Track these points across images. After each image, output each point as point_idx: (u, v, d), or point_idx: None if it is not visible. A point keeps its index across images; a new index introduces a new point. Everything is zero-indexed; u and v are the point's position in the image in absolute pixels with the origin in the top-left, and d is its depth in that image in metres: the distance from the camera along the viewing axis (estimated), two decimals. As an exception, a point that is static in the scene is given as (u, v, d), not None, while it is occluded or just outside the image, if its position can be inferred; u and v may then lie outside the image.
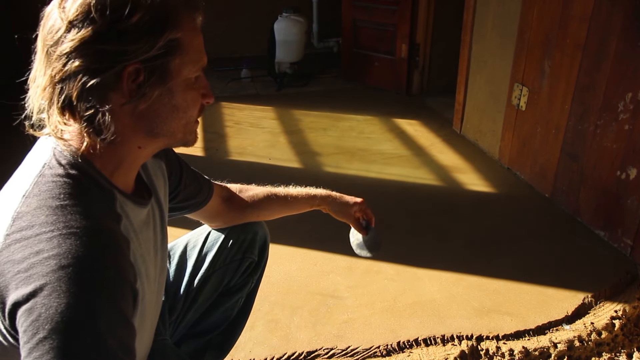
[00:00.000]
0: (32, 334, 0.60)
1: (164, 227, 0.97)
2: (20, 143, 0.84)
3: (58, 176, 0.71)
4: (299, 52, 4.38)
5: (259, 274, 1.30)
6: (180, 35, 0.73)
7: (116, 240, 0.71)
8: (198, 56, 0.78)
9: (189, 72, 0.77)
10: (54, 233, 0.65)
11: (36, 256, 0.63)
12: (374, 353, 1.64)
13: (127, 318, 0.66)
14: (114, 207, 0.76)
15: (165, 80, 0.74)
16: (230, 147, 3.21)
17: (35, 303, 0.61)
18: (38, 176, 0.71)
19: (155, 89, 0.73)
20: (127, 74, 0.70)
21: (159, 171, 0.97)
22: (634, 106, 2.02)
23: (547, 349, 1.68)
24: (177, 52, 0.74)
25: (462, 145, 3.25)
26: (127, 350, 0.65)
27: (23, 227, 0.66)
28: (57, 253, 0.63)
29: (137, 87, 0.72)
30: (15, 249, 0.64)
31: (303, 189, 1.29)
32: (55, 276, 0.61)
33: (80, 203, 0.69)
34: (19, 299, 0.62)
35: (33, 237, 0.65)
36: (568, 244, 2.24)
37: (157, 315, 0.99)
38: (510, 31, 2.74)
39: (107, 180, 0.76)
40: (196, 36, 0.77)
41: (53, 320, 0.59)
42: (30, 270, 0.62)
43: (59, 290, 0.61)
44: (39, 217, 0.66)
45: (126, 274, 0.69)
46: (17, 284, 0.62)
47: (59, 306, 0.60)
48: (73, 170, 0.72)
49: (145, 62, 0.71)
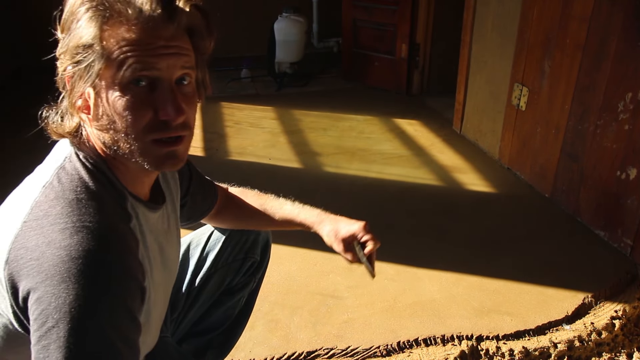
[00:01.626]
0: (41, 323, 0.62)
1: (178, 232, 0.99)
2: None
3: (76, 170, 0.74)
4: (299, 52, 4.38)
5: (260, 273, 1.31)
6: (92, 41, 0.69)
7: (126, 237, 0.73)
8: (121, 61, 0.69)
9: (114, 77, 0.70)
10: (67, 225, 0.66)
11: (48, 246, 0.65)
12: (374, 353, 1.64)
13: (132, 313, 0.68)
14: (125, 206, 0.78)
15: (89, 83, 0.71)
16: (230, 147, 3.21)
17: (46, 292, 0.62)
18: (59, 168, 0.74)
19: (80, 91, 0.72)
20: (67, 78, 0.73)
21: (171, 178, 0.98)
22: (634, 106, 2.02)
23: (547, 349, 1.68)
24: (94, 55, 0.69)
25: (462, 145, 3.25)
26: (131, 344, 0.66)
27: (39, 216, 0.68)
28: (68, 244, 0.65)
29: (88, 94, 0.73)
30: (30, 236, 0.66)
31: (298, 207, 1.18)
32: (65, 267, 0.63)
33: (95, 198, 0.71)
34: (31, 287, 0.64)
35: (47, 226, 0.67)
36: (568, 244, 2.24)
37: (163, 315, 1.00)
38: (510, 31, 2.74)
39: (119, 181, 0.78)
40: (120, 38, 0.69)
41: (61, 311, 0.61)
42: (42, 259, 0.64)
43: (68, 281, 0.62)
44: (55, 208, 0.68)
45: (134, 271, 0.70)
46: (28, 271, 0.64)
47: (67, 297, 0.62)
48: (91, 167, 0.75)
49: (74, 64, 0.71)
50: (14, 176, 0.89)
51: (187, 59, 0.75)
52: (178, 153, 0.77)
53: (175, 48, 0.72)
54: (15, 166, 2.49)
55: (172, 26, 0.71)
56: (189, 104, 0.76)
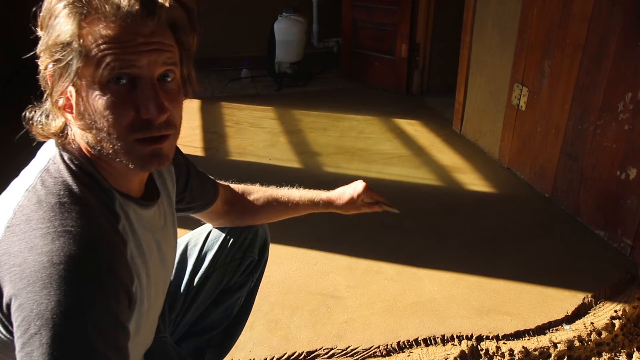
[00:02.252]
0: (24, 329, 0.61)
1: (174, 229, 0.98)
2: (26, 141, 0.84)
3: (60, 173, 0.72)
4: (299, 52, 4.38)
5: (259, 272, 1.31)
6: (70, 38, 0.68)
7: (112, 240, 0.71)
8: (100, 59, 0.68)
9: (93, 76, 0.69)
10: (49, 229, 0.65)
11: (30, 252, 0.64)
12: (374, 353, 1.64)
13: (118, 317, 0.66)
14: (113, 207, 0.76)
15: (68, 81, 0.70)
16: (230, 147, 3.21)
17: (28, 299, 0.62)
18: (42, 171, 0.72)
19: (61, 90, 0.71)
20: (48, 77, 0.72)
21: (167, 174, 0.97)
22: (634, 106, 2.02)
23: (547, 349, 1.68)
24: (73, 54, 0.68)
25: (462, 145, 3.25)
26: (118, 349, 0.65)
27: (22, 221, 0.67)
28: (50, 250, 0.64)
29: (69, 95, 0.72)
30: (12, 242, 0.65)
31: (305, 192, 1.26)
32: (46, 273, 0.62)
33: (79, 202, 0.70)
34: (13, 293, 0.63)
35: (29, 231, 0.66)
36: (568, 244, 2.24)
37: (159, 312, 0.99)
38: (510, 31, 2.74)
39: (106, 180, 0.77)
40: (98, 36, 0.68)
41: (43, 317, 0.60)
42: (24, 264, 0.63)
43: (50, 287, 0.62)
44: (37, 212, 0.67)
45: (119, 274, 0.69)
46: (11, 277, 0.64)
47: (49, 303, 0.61)
48: (75, 168, 0.73)
49: (54, 62, 0.70)
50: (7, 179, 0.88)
51: (170, 55, 0.72)
52: (163, 151, 0.75)
53: (156, 44, 0.70)
54: (9, 169, 2.50)
55: (152, 22, 0.69)
56: (173, 102, 0.74)
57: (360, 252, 2.12)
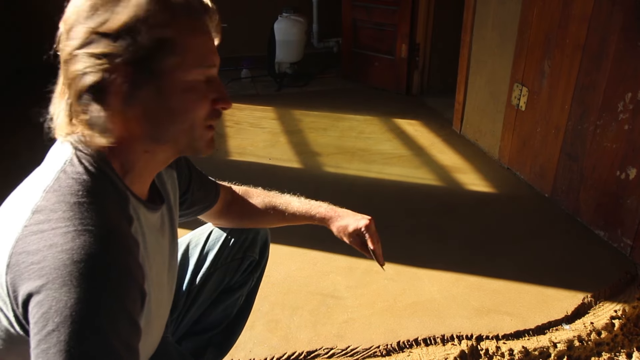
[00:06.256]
0: (42, 326, 0.61)
1: (175, 233, 0.98)
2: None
3: (78, 173, 0.73)
4: (299, 52, 4.39)
5: (259, 272, 1.31)
6: (172, 35, 0.72)
7: (127, 240, 0.72)
8: (199, 58, 0.75)
9: (187, 75, 0.74)
10: (69, 228, 0.66)
11: (50, 249, 0.64)
12: (374, 353, 1.64)
13: (133, 317, 0.67)
14: (127, 209, 0.77)
15: (156, 81, 0.73)
16: (230, 147, 3.21)
17: (47, 295, 0.62)
18: (60, 172, 0.73)
19: (145, 91, 0.73)
20: (116, 76, 0.71)
21: (169, 178, 0.98)
22: (634, 106, 2.02)
23: (547, 348, 1.68)
24: (167, 52, 0.72)
25: (462, 145, 3.25)
26: (131, 349, 0.65)
27: (41, 221, 0.67)
28: (70, 248, 0.64)
29: (129, 89, 0.72)
30: (31, 241, 0.66)
31: (305, 203, 1.23)
32: (66, 270, 0.62)
33: (97, 201, 0.71)
34: (32, 290, 0.63)
35: (49, 230, 0.66)
36: (568, 244, 2.24)
37: (166, 316, 1.00)
38: (510, 31, 2.74)
39: (122, 182, 0.77)
40: (197, 37, 0.75)
41: (62, 314, 0.61)
42: (43, 262, 0.63)
43: (70, 284, 0.62)
44: (57, 212, 0.68)
45: (135, 275, 0.70)
46: (29, 274, 0.64)
47: (69, 300, 0.61)
48: (92, 169, 0.74)
49: (133, 63, 0.71)
50: (15, 177, 0.88)
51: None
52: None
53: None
54: (15, 167, 2.50)
55: (215, 22, 0.79)
56: None
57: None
